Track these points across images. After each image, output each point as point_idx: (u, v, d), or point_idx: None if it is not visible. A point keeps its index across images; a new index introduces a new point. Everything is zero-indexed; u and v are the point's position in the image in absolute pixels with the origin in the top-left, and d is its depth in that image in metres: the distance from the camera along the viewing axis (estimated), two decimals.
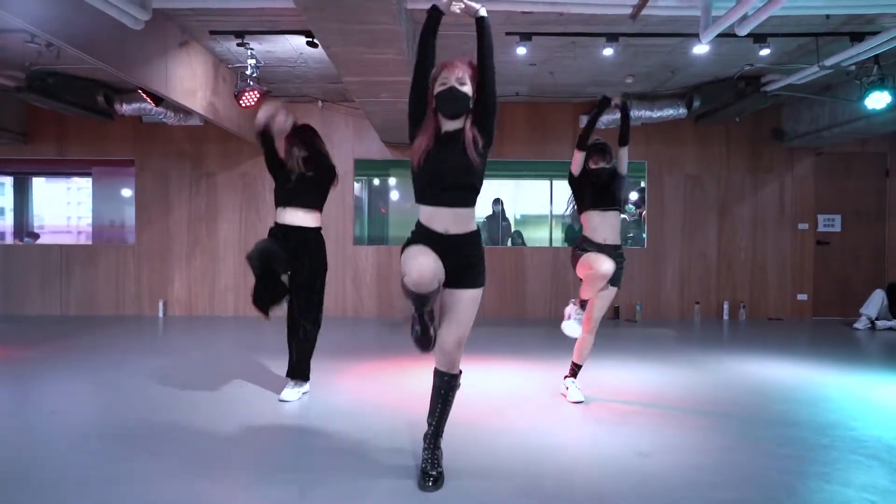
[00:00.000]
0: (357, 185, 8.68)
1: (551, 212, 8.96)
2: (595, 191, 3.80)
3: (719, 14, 3.97)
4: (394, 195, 9.27)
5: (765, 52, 5.50)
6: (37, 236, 10.61)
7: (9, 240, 10.57)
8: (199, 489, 2.50)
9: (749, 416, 3.62)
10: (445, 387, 2.52)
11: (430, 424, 2.58)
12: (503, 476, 2.66)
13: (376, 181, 9.29)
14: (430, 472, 2.48)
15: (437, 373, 2.54)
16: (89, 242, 9.25)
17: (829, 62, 5.46)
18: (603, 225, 3.80)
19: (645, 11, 3.95)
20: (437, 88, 2.41)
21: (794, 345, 6.33)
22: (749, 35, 5.08)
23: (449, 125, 2.45)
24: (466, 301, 2.44)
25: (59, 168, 10.21)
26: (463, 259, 2.42)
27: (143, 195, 8.33)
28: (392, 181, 9.21)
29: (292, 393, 3.86)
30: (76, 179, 12.61)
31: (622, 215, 4.13)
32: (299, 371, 3.93)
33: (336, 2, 3.27)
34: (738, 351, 5.86)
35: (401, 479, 2.60)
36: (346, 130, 8.32)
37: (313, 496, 2.44)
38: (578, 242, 3.88)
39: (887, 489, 2.53)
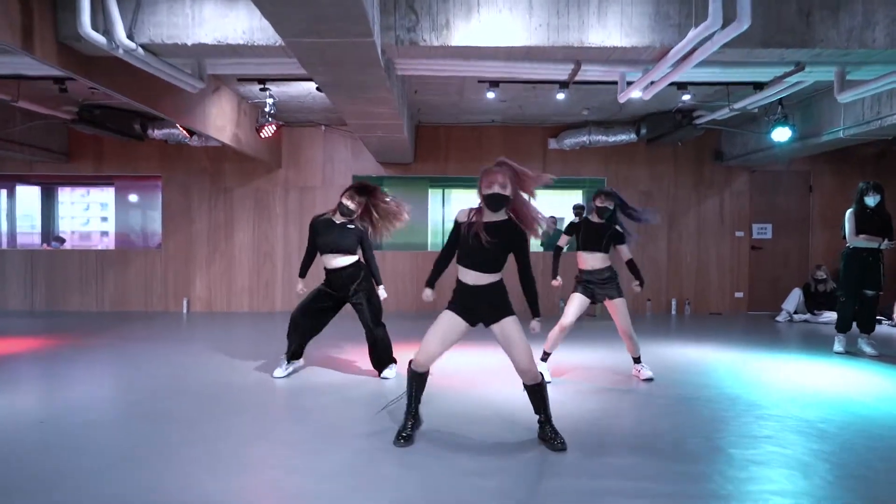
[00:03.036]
0: None
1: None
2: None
3: (632, 80, 5.27)
4: None
5: (686, 97, 6.81)
6: (63, 240, 11.79)
7: (37, 243, 11.78)
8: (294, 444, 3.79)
9: (680, 389, 4.85)
10: (539, 392, 3.41)
11: (540, 420, 3.46)
12: (480, 421, 3.95)
13: None
14: (557, 441, 3.36)
15: (527, 388, 3.42)
16: (111, 247, 10.47)
17: (737, 105, 6.79)
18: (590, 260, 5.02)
19: (577, 77, 5.24)
20: (485, 191, 3.26)
21: (725, 335, 7.56)
22: (672, 84, 6.43)
23: (492, 217, 3.34)
24: (509, 327, 3.35)
25: (85, 179, 11.47)
26: (488, 301, 3.40)
27: (168, 206, 9.57)
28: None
29: (390, 372, 5.01)
30: (94, 190, 13.83)
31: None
32: (388, 358, 5.06)
33: (345, 81, 4.53)
34: (679, 340, 7.13)
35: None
36: (345, 151, 9.59)
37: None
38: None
39: (755, 432, 3.85)
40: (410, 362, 3.47)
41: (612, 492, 2.86)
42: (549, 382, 4.83)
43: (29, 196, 12.38)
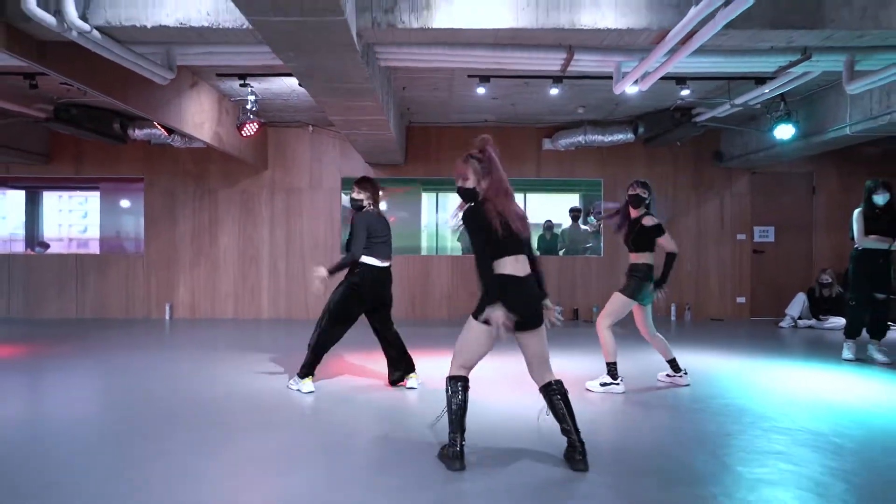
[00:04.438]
0: (346, 198, 9.63)
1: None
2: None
3: (628, 70, 4.98)
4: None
5: (685, 92, 6.53)
6: (47, 246, 11.49)
7: (20, 249, 11.46)
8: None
9: (684, 400, 4.52)
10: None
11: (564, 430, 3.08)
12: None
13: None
14: (578, 456, 3.00)
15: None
16: (96, 252, 10.16)
17: (738, 101, 6.51)
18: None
19: (570, 67, 4.95)
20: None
21: (726, 341, 7.26)
22: (671, 77, 6.15)
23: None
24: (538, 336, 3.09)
25: (70, 183, 11.16)
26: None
27: (151, 210, 9.26)
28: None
29: (414, 381, 4.67)
30: (77, 193, 13.53)
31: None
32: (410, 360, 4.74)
33: (321, 69, 4.24)
34: (679, 347, 6.81)
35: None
36: (333, 151, 9.29)
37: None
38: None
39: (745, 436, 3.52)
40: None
41: None
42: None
43: (11, 201, 12.07)
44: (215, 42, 4.34)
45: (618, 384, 4.59)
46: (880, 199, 5.81)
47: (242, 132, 7.04)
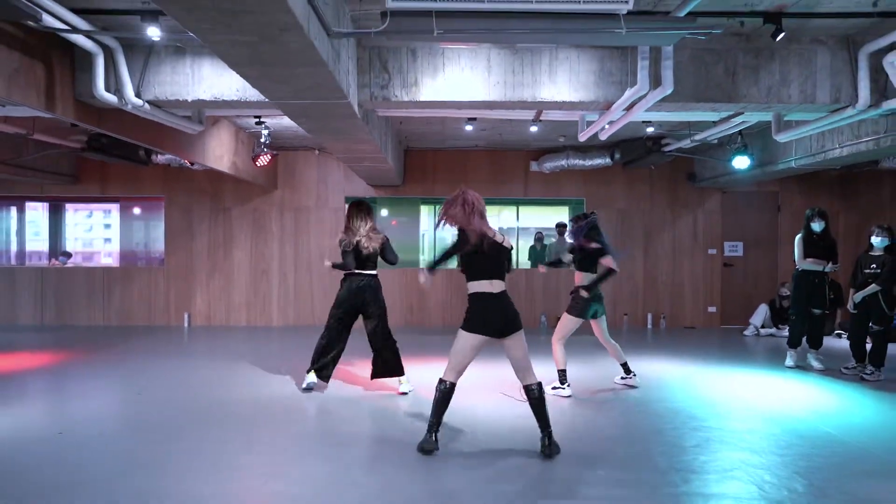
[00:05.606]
0: None
1: (517, 237, 10.81)
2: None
3: (592, 120, 5.82)
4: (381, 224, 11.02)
5: (650, 129, 7.36)
6: (69, 255, 12.34)
7: (44, 260, 12.35)
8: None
9: (635, 402, 5.40)
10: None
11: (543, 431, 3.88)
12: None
13: None
14: (543, 445, 3.82)
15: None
16: (116, 265, 11.04)
17: (697, 137, 7.34)
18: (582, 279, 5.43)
19: (542, 118, 5.80)
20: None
21: (692, 348, 8.08)
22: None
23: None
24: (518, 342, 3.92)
25: (95, 201, 12.05)
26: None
27: (171, 226, 10.13)
28: (384, 212, 10.92)
29: (406, 386, 5.40)
30: (97, 207, 14.44)
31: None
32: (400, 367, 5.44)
33: (328, 128, 5.07)
34: (648, 353, 7.65)
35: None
36: (338, 173, 10.14)
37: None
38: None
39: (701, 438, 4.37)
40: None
41: None
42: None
43: (37, 214, 12.95)
44: (240, 107, 5.19)
45: (564, 388, 5.37)
46: (817, 226, 6.62)
47: (257, 163, 7.89)
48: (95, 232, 14.92)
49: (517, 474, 3.66)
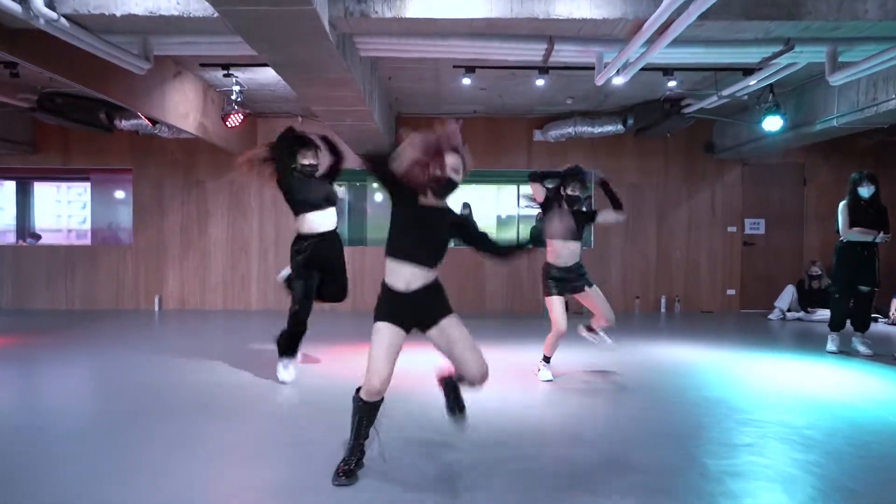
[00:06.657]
0: (339, 190, 9.59)
1: (519, 214, 9.97)
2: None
3: (609, 61, 4.94)
4: (377, 198, 10.15)
5: (672, 83, 6.48)
6: (38, 237, 11.47)
7: (12, 240, 11.45)
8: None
9: (661, 392, 4.52)
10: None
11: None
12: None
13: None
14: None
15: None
16: (87, 243, 10.14)
17: (725, 92, 6.46)
18: (564, 251, 4.59)
19: (553, 58, 4.91)
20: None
21: (714, 334, 7.23)
22: (658, 68, 6.10)
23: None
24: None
25: (60, 174, 11.13)
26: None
27: (140, 201, 9.24)
28: (374, 187, 10.10)
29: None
30: (69, 184, 13.51)
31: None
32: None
33: (296, 60, 4.19)
34: (667, 339, 6.80)
35: None
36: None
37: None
38: (545, 271, 4.67)
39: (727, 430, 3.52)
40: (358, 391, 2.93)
41: None
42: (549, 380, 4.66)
43: (5, 193, 12.04)
44: (190, 32, 4.30)
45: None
46: (865, 191, 5.78)
47: (227, 123, 7.01)
48: (67, 208, 13.99)
49: (537, 483, 2.82)
